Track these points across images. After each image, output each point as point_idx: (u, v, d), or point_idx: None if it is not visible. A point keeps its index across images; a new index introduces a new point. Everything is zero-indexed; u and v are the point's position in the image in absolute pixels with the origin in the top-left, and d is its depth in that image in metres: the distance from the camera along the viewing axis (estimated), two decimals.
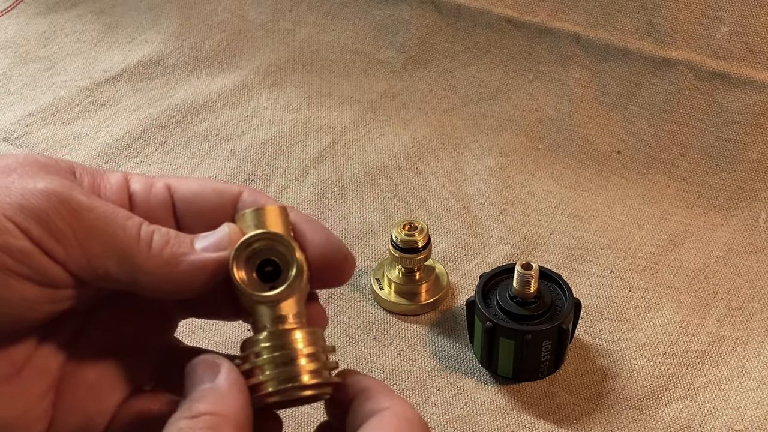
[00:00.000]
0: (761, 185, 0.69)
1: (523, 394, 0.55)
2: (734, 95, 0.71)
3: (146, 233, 0.33)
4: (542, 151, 0.75)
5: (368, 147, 0.75)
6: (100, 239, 0.32)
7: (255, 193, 0.37)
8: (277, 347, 0.33)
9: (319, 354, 0.33)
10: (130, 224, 0.32)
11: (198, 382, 0.32)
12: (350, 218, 0.68)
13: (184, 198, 0.36)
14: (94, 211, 0.32)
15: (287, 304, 0.34)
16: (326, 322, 0.37)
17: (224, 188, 0.37)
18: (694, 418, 0.53)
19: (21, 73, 0.85)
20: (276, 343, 0.33)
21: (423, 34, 0.83)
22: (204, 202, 0.36)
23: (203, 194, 0.36)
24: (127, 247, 0.32)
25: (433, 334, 0.59)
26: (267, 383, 0.33)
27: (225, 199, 0.36)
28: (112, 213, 0.32)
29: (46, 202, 0.31)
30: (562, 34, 0.77)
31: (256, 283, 0.34)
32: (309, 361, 0.33)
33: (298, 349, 0.33)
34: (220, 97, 0.81)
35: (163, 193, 0.36)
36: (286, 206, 0.36)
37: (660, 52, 0.74)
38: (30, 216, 0.30)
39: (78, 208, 0.31)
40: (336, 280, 0.36)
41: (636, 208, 0.69)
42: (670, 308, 0.60)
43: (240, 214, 0.35)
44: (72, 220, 0.31)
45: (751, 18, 0.70)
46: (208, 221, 0.35)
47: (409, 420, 0.32)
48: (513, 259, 0.64)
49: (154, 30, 0.89)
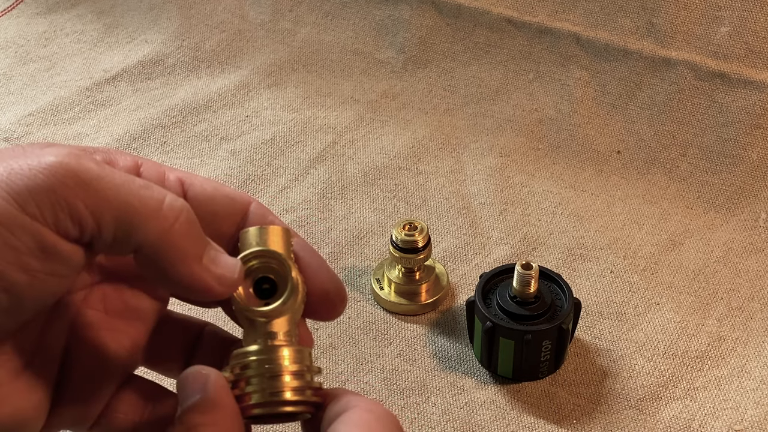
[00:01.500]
0: (761, 185, 0.69)
1: (523, 394, 0.55)
2: (734, 95, 0.71)
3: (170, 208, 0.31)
4: (542, 151, 0.75)
5: (368, 147, 0.75)
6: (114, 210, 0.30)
7: (263, 208, 0.37)
8: (265, 362, 0.33)
9: (304, 373, 0.34)
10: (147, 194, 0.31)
11: (189, 395, 0.32)
12: (350, 218, 0.68)
13: (198, 198, 0.35)
14: (106, 180, 0.30)
15: (279, 321, 0.35)
16: (312, 344, 0.37)
17: (237, 197, 0.36)
18: (694, 418, 0.53)
19: (21, 73, 0.85)
20: (264, 358, 0.34)
21: (423, 34, 0.83)
22: (218, 208, 0.36)
23: (217, 199, 0.36)
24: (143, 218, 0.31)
25: (433, 334, 0.59)
26: (251, 395, 0.33)
27: (236, 209, 0.36)
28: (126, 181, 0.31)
29: (53, 177, 0.29)
30: (562, 34, 0.77)
31: (252, 298, 0.35)
32: (294, 378, 0.34)
33: (285, 366, 0.34)
34: (220, 97, 0.81)
35: (176, 188, 0.35)
36: (289, 228, 0.36)
37: (660, 52, 0.74)
38: (39, 196, 0.29)
39: (88, 178, 0.30)
40: (328, 315, 0.37)
41: (636, 208, 0.69)
42: (670, 308, 0.60)
43: (244, 231, 0.35)
44: (82, 192, 0.30)
45: (751, 18, 0.70)
46: (216, 226, 0.35)
47: (378, 414, 0.32)
48: (513, 259, 0.64)
49: (154, 30, 0.89)
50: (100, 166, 0.31)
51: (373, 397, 0.55)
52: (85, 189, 0.30)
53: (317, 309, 0.36)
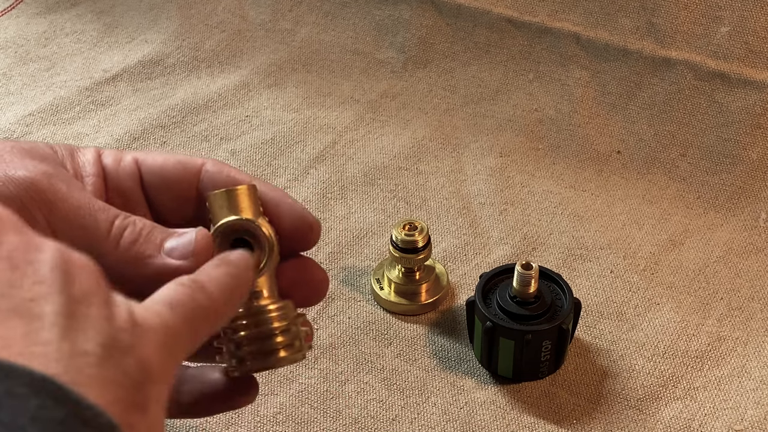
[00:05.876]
0: (761, 185, 0.69)
1: (523, 394, 0.55)
2: (734, 95, 0.71)
3: (118, 228, 0.34)
4: (542, 151, 0.75)
5: (368, 147, 0.75)
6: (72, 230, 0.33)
7: (218, 164, 0.39)
8: (254, 325, 0.35)
9: (291, 327, 0.36)
10: (103, 217, 0.34)
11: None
12: (350, 218, 0.68)
13: (150, 170, 0.38)
14: (69, 202, 0.33)
15: (260, 281, 0.36)
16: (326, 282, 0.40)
17: (188, 160, 0.39)
18: (694, 418, 0.53)
19: (21, 73, 0.85)
20: (252, 321, 0.35)
21: (423, 34, 0.83)
22: (169, 174, 0.38)
23: (168, 166, 0.38)
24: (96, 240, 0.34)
25: (433, 334, 0.59)
26: (247, 358, 0.35)
27: (189, 171, 0.38)
28: (87, 204, 0.34)
29: (24, 191, 0.32)
30: (562, 34, 0.77)
31: None
32: (283, 335, 0.35)
33: (274, 327, 0.35)
34: (220, 97, 0.81)
35: (131, 166, 0.38)
36: (254, 183, 0.38)
37: (660, 52, 0.74)
38: (6, 202, 0.31)
39: (53, 198, 0.33)
40: (304, 246, 0.39)
41: (636, 208, 0.69)
42: (670, 308, 0.60)
43: (211, 195, 0.37)
44: (46, 209, 0.33)
45: (751, 18, 0.70)
46: (174, 192, 0.38)
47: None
48: (513, 259, 0.64)
49: (154, 30, 0.89)
50: (69, 187, 0.34)
51: (372, 397, 0.55)
52: (48, 207, 0.33)
53: (293, 243, 0.38)
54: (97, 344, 0.26)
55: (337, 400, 0.55)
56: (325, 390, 0.55)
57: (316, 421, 0.54)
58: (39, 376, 0.24)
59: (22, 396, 0.23)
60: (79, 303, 0.27)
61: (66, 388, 0.24)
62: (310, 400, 0.55)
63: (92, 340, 0.26)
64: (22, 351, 0.25)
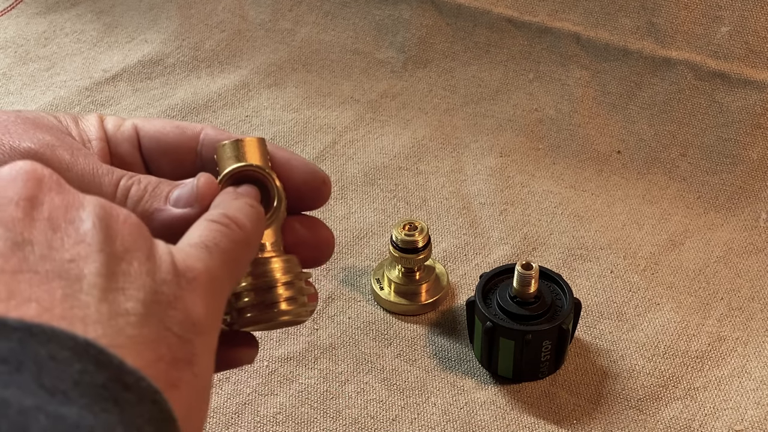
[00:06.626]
0: (761, 185, 0.69)
1: (523, 394, 0.55)
2: (734, 95, 0.71)
3: (123, 188, 0.34)
4: (542, 151, 0.75)
5: (368, 147, 0.75)
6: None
7: (218, 130, 0.39)
8: (257, 275, 0.35)
9: (295, 281, 0.35)
10: (107, 180, 0.34)
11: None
12: (350, 218, 0.68)
13: (149, 135, 0.38)
14: (73, 170, 0.34)
15: (266, 232, 0.36)
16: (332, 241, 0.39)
17: (187, 126, 0.39)
18: (694, 419, 0.53)
19: (21, 73, 0.85)
20: (256, 272, 0.35)
21: (423, 34, 0.83)
22: (167, 139, 0.38)
23: (166, 131, 0.39)
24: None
25: (433, 334, 0.59)
26: (247, 309, 0.35)
27: (187, 136, 0.38)
28: (91, 169, 0.34)
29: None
30: (562, 34, 0.77)
31: None
32: (286, 288, 0.35)
33: (276, 278, 0.35)
34: (220, 97, 0.81)
35: (130, 131, 0.38)
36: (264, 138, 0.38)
37: (660, 52, 0.74)
38: None
39: (57, 168, 0.33)
40: (316, 202, 0.38)
41: (636, 208, 0.69)
42: (670, 308, 0.60)
43: (220, 145, 0.36)
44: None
45: (751, 18, 0.70)
46: (173, 157, 0.38)
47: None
48: (513, 259, 0.64)
49: (154, 30, 0.89)
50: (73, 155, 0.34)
51: (372, 398, 0.55)
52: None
53: (304, 199, 0.38)
54: (138, 301, 0.26)
55: (337, 400, 0.55)
56: (325, 390, 0.55)
57: (316, 421, 0.54)
58: (82, 340, 0.24)
59: (65, 360, 0.23)
60: (121, 259, 0.27)
61: (108, 352, 0.24)
62: (310, 400, 0.55)
63: (133, 298, 0.26)
64: (64, 314, 0.24)
